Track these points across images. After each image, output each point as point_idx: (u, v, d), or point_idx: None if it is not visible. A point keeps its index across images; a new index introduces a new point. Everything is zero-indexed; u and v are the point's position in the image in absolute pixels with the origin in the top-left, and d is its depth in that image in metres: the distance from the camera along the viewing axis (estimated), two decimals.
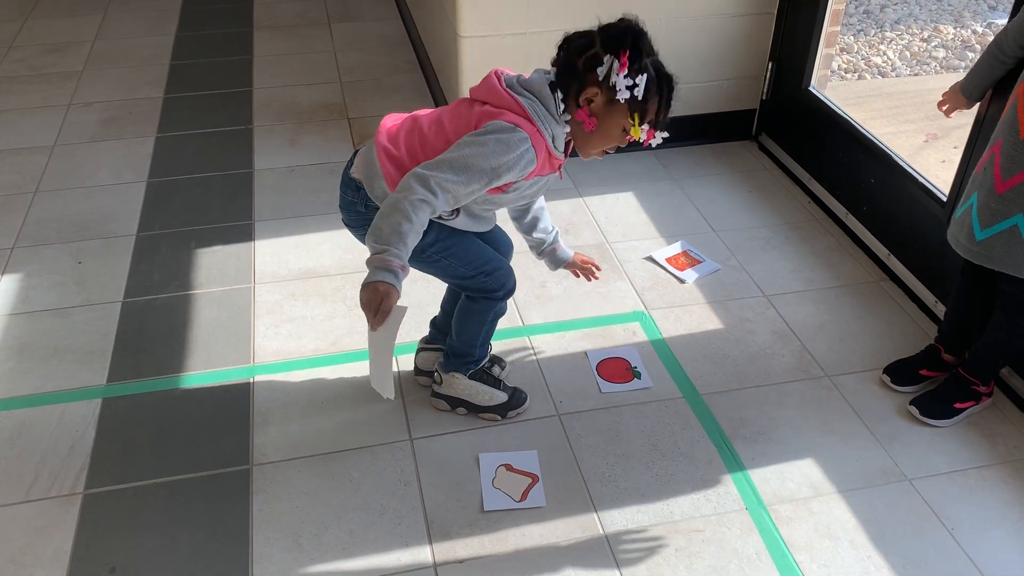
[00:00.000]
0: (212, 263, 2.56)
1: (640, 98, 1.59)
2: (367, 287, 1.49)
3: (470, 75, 2.89)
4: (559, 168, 1.76)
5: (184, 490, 1.89)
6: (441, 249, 1.80)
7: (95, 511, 1.84)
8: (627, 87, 1.57)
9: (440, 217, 1.74)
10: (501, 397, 2.06)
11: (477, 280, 1.88)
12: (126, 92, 3.55)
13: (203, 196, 2.88)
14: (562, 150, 1.71)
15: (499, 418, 2.06)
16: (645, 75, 1.57)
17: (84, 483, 1.90)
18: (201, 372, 2.19)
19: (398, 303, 1.50)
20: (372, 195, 1.72)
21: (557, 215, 2.81)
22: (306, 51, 3.92)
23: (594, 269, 2.12)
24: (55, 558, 1.74)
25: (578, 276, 2.13)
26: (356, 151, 1.82)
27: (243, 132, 3.27)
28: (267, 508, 1.85)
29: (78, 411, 2.08)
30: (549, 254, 2.06)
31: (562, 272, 2.54)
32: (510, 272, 1.94)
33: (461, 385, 2.06)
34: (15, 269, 2.54)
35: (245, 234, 2.69)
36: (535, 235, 2.02)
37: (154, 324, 2.34)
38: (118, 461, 1.95)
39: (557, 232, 2.05)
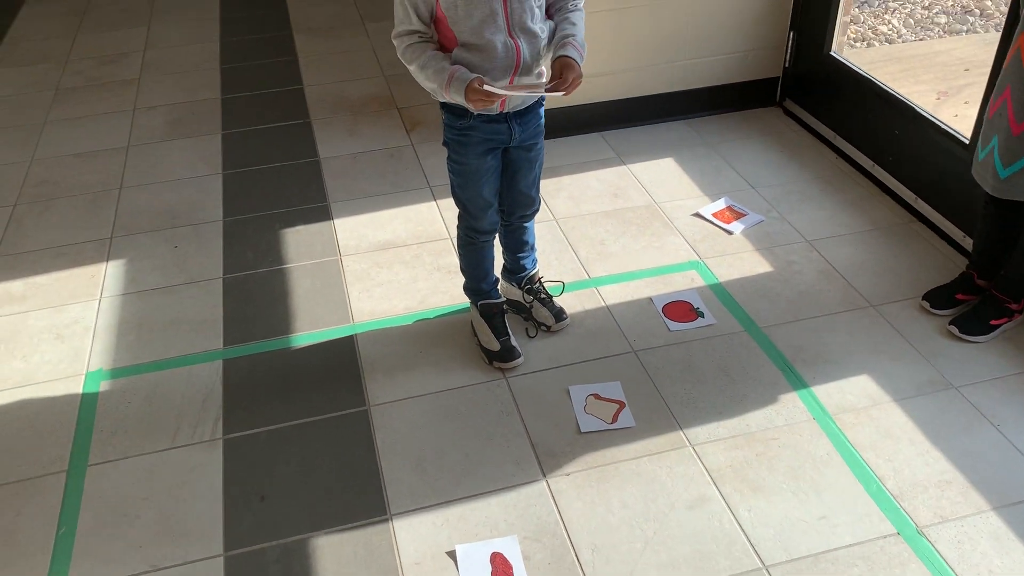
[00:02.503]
0: (298, 240, 2.79)
1: None
2: (469, 98, 1.83)
3: None
4: None
5: (312, 431, 2.12)
6: (451, 152, 2.07)
7: (237, 452, 2.07)
8: None
9: (445, 50, 1.90)
10: (494, 345, 2.27)
11: (457, 201, 2.17)
12: (185, 95, 3.78)
13: (278, 183, 3.11)
14: None
15: (486, 361, 2.29)
16: None
17: (221, 430, 2.13)
18: (307, 332, 2.42)
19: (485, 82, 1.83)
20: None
21: (605, 183, 3.04)
22: (347, 50, 4.15)
23: (565, 85, 1.85)
24: (210, 491, 1.97)
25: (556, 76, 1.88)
26: None
27: (303, 125, 3.50)
28: (389, 440, 2.08)
29: (203, 371, 2.30)
30: (554, 51, 1.92)
31: (618, 230, 2.79)
32: (480, 217, 2.16)
33: (473, 314, 2.33)
34: (117, 256, 2.76)
35: (323, 214, 2.92)
36: (552, 44, 1.93)
37: (256, 295, 2.57)
38: (248, 410, 2.18)
39: (573, 37, 1.91)
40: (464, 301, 2.41)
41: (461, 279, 2.36)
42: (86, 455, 2.06)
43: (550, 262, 2.66)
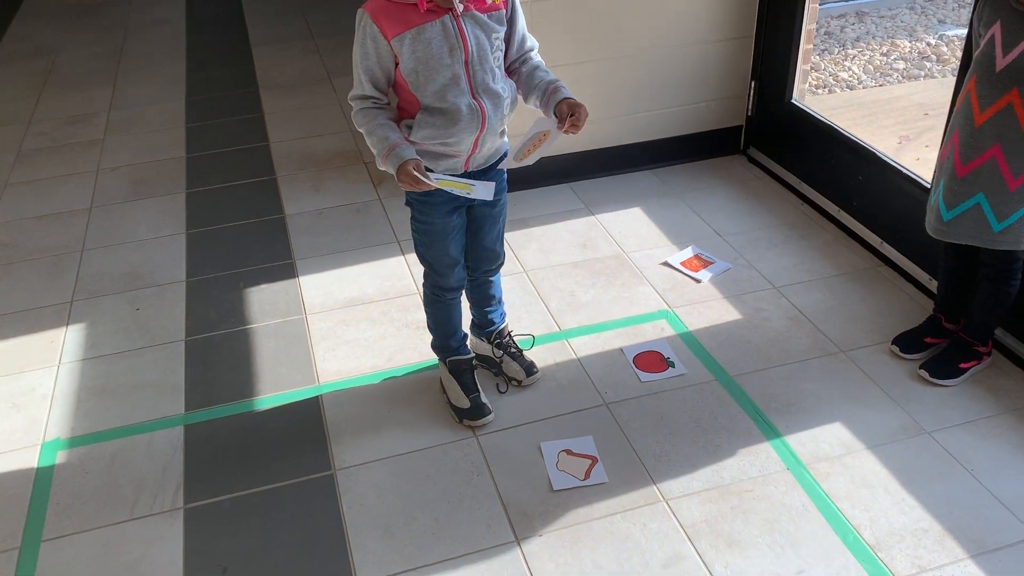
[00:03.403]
0: (263, 300, 2.75)
1: None
2: (398, 177, 1.82)
3: None
4: (448, 13, 1.78)
5: (276, 497, 2.06)
6: (415, 213, 2.06)
7: (198, 522, 2.00)
8: None
9: (409, 127, 1.88)
10: (464, 403, 2.23)
11: (422, 260, 2.14)
12: (149, 155, 3.75)
13: (242, 241, 3.07)
14: None
15: (456, 419, 2.24)
16: None
17: (182, 499, 2.06)
18: (271, 395, 2.37)
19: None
20: None
21: (574, 233, 3.03)
22: (313, 106, 4.16)
23: (576, 123, 1.88)
24: (170, 563, 1.90)
25: (565, 118, 1.89)
26: None
27: (268, 182, 3.47)
28: (356, 505, 2.02)
29: (164, 437, 2.24)
30: (547, 99, 1.94)
31: (588, 280, 2.77)
32: (446, 275, 2.14)
33: (442, 372, 2.30)
34: (78, 320, 2.70)
35: (288, 272, 2.88)
36: (535, 93, 1.97)
37: (219, 357, 2.51)
38: (210, 478, 2.12)
39: (558, 81, 1.96)
40: (433, 358, 2.37)
41: (429, 336, 2.33)
42: (40, 531, 1.99)
43: (520, 315, 2.63)
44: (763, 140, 3.42)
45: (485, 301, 2.33)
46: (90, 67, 4.78)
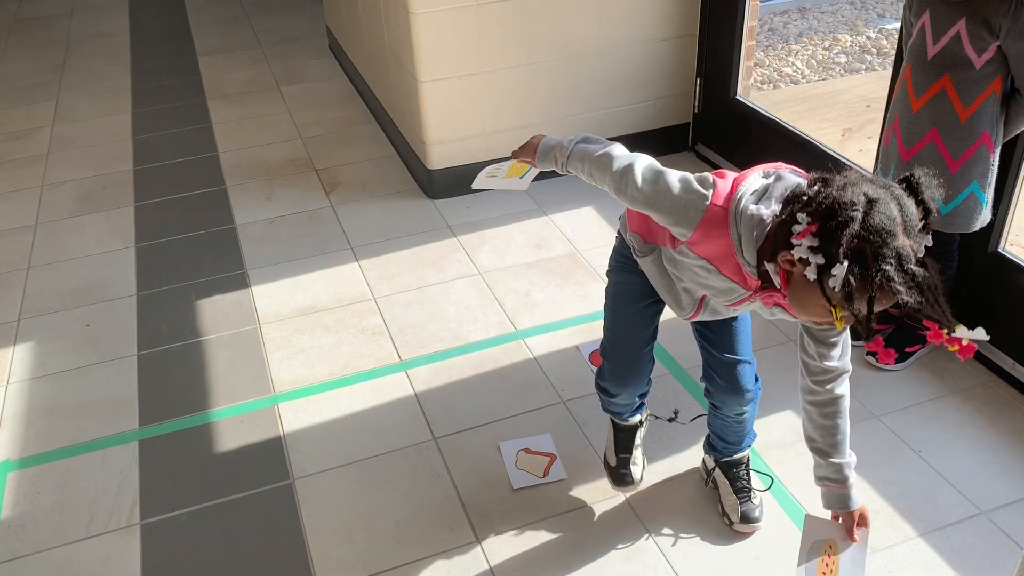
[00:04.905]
0: (215, 311, 2.73)
1: (838, 287, 1.26)
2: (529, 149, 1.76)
3: (432, 116, 3.15)
4: (761, 296, 1.52)
5: (235, 509, 2.04)
6: (612, 278, 1.90)
7: (156, 537, 1.98)
8: (816, 264, 1.29)
9: (635, 248, 1.75)
10: (611, 460, 2.00)
11: (604, 334, 1.90)
12: (95, 168, 3.69)
13: (192, 253, 3.04)
14: (757, 276, 1.47)
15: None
16: (843, 266, 1.25)
17: (139, 515, 2.04)
18: (227, 407, 2.35)
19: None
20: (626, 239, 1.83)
21: (528, 234, 3.05)
22: (262, 114, 4.13)
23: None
24: None
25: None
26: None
27: (218, 192, 3.44)
28: (316, 513, 2.01)
29: (118, 454, 2.21)
30: (835, 490, 1.66)
31: (542, 280, 2.79)
32: (617, 368, 1.86)
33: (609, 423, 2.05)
34: (25, 339, 2.66)
35: (241, 282, 2.86)
36: (830, 454, 1.70)
37: (173, 370, 2.49)
38: (167, 492, 2.09)
39: (852, 464, 1.69)
40: (391, 362, 2.37)
41: (386, 340, 2.33)
42: None
43: (476, 316, 2.64)
44: (710, 136, 3.47)
45: (733, 437, 1.96)
46: (32, 81, 4.70)
